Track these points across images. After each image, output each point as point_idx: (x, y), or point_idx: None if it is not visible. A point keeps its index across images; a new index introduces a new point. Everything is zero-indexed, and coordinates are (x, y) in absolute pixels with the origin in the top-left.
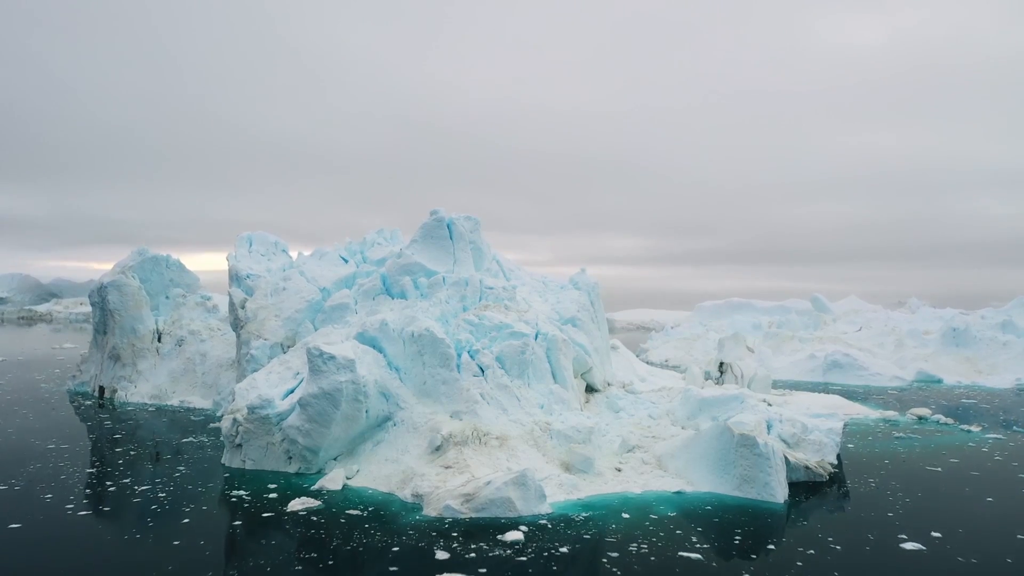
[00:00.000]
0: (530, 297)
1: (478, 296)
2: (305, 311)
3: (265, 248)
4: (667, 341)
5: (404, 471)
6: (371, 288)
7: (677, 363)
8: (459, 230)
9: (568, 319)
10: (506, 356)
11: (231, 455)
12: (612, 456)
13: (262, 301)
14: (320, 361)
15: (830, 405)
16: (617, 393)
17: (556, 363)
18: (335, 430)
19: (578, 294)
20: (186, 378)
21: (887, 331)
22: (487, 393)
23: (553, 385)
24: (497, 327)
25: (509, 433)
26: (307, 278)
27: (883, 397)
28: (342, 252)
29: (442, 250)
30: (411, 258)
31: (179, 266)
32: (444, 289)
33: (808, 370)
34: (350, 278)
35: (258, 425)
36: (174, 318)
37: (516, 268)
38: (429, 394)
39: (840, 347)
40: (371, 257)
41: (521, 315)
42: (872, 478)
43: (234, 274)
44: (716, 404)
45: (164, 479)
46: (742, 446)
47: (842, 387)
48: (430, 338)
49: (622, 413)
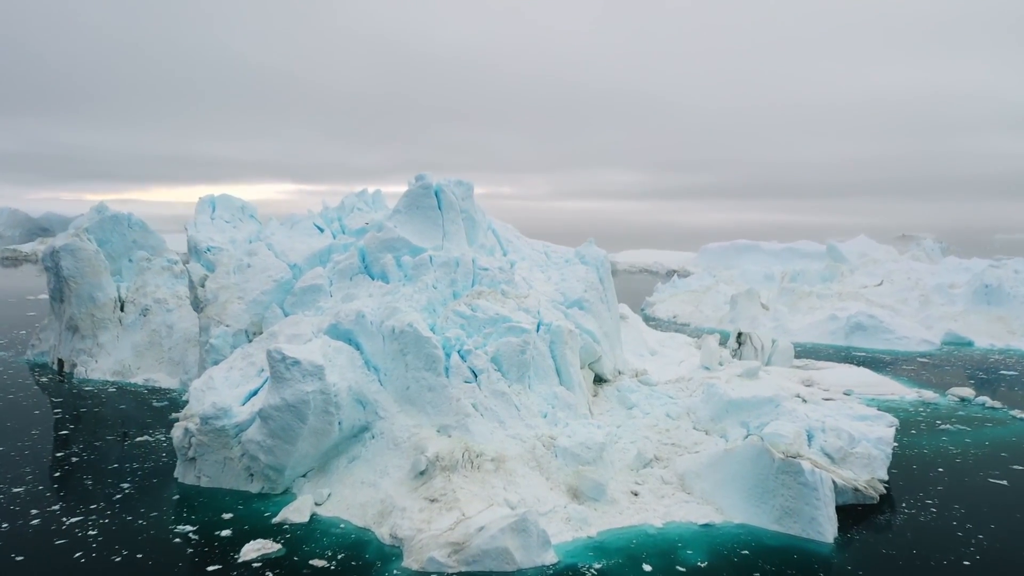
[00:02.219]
0: (531, 275)
1: (471, 279)
2: (273, 292)
3: (230, 214)
4: (674, 294)
5: (383, 500)
6: (348, 267)
7: (686, 320)
8: (449, 198)
9: (574, 301)
10: (503, 356)
11: (184, 469)
12: (626, 472)
13: (224, 280)
14: (282, 367)
15: (862, 382)
16: (629, 385)
17: (561, 358)
18: (302, 446)
19: (585, 270)
20: (151, 353)
21: (910, 285)
22: (480, 403)
23: (557, 387)
24: (492, 320)
25: (507, 452)
26: (276, 252)
27: (913, 367)
28: (317, 220)
29: (429, 222)
30: (393, 232)
31: (142, 226)
32: (431, 271)
33: (829, 332)
34: (325, 252)
35: (213, 438)
36: (138, 284)
37: (515, 238)
38: (413, 402)
39: (862, 305)
40: (350, 226)
41: (520, 302)
42: (928, 497)
43: (193, 246)
44: (746, 407)
45: (102, 504)
46: (784, 473)
47: (866, 352)
48: (414, 336)
49: (635, 410)
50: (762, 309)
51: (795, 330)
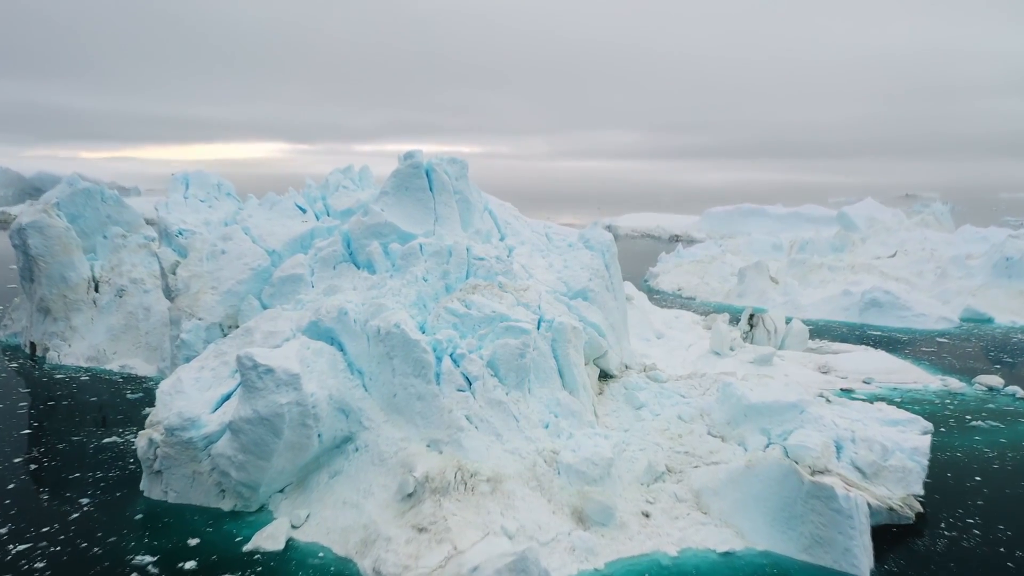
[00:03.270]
0: (531, 262)
1: (465, 270)
2: (249, 282)
3: (205, 192)
4: (679, 264)
5: (366, 526)
6: (331, 254)
7: (692, 293)
8: (441, 178)
9: (578, 291)
10: (500, 360)
11: (150, 482)
12: (636, 486)
13: (196, 267)
14: (254, 375)
15: (881, 369)
16: (637, 382)
17: (564, 358)
18: (277, 462)
19: (590, 256)
20: (128, 337)
21: (925, 256)
22: (475, 414)
23: (560, 392)
24: (488, 319)
25: (504, 471)
26: (253, 237)
27: (932, 348)
28: (298, 200)
29: (420, 205)
30: (380, 216)
31: (117, 200)
32: (422, 260)
33: (842, 308)
34: (307, 237)
35: (180, 450)
36: (113, 263)
37: (513, 219)
38: (400, 411)
39: (876, 279)
40: (335, 207)
41: (519, 295)
42: (969, 515)
43: (163, 229)
44: (767, 413)
45: (56, 527)
46: (815, 497)
47: (882, 331)
48: (401, 338)
49: (644, 411)
50: (771, 283)
51: (806, 305)
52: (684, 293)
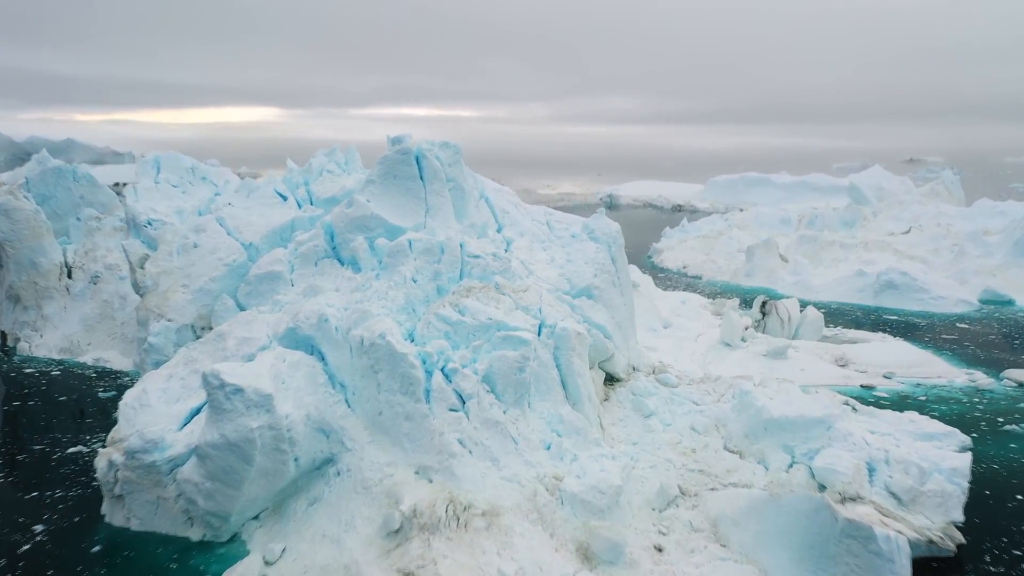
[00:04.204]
0: (531, 256)
1: (458, 269)
2: (224, 279)
3: (178, 176)
4: (683, 240)
5: (347, 566)
6: (312, 249)
7: (697, 271)
8: (432, 165)
9: (582, 289)
10: (497, 374)
11: (112, 508)
12: (647, 512)
13: (166, 262)
14: (221, 396)
15: (903, 361)
16: (646, 386)
17: (567, 368)
18: (249, 490)
19: (595, 249)
20: (103, 327)
21: (941, 232)
22: (469, 437)
23: (563, 406)
24: (484, 327)
25: (501, 502)
26: (228, 229)
27: (953, 334)
28: (279, 186)
29: (409, 195)
30: (366, 208)
31: (90, 180)
32: (411, 259)
33: (856, 290)
34: (287, 228)
35: (142, 475)
36: (86, 247)
37: (512, 207)
38: (386, 431)
39: (891, 258)
40: (318, 194)
41: (518, 298)
42: (1015, 545)
43: (131, 218)
44: (790, 428)
45: (5, 560)
46: (851, 537)
47: (898, 315)
48: (387, 351)
49: (654, 420)
50: (781, 261)
51: (818, 287)
52: (689, 271)
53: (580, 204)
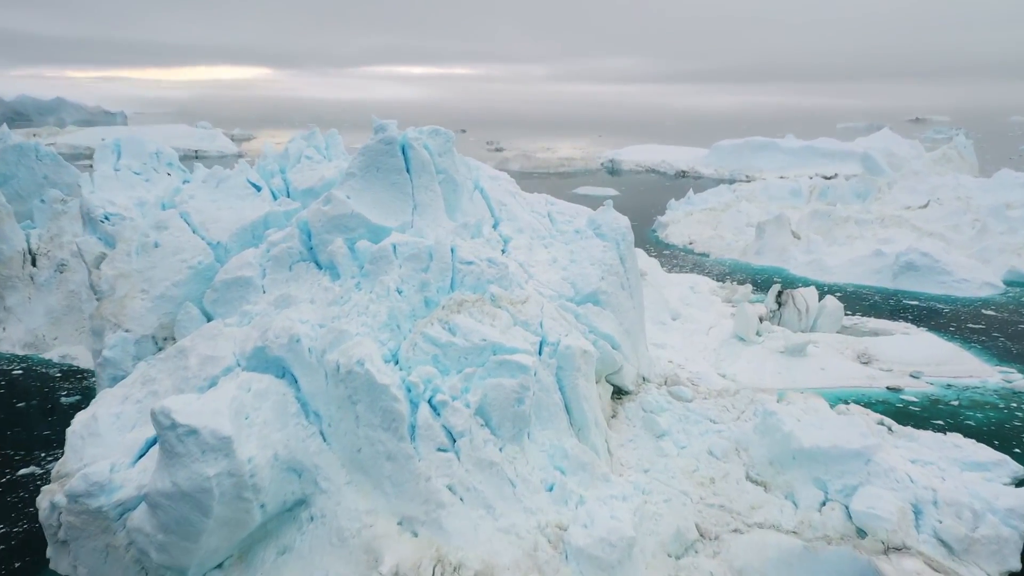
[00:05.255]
0: (530, 257)
1: (448, 278)
2: (187, 284)
3: (141, 163)
4: (689, 213)
5: None
6: (286, 252)
7: (705, 248)
8: (420, 156)
9: (588, 295)
10: (493, 406)
11: (57, 553)
12: (662, 559)
13: (123, 264)
14: (173, 437)
15: (930, 358)
16: (657, 400)
17: (572, 391)
18: (209, 541)
19: (602, 248)
20: (70, 320)
21: (961, 207)
22: (460, 482)
23: (567, 438)
24: (478, 349)
25: (497, 559)
26: (193, 225)
27: (980, 322)
28: (251, 175)
29: (394, 189)
30: (345, 205)
31: (54, 159)
32: (395, 266)
33: (874, 272)
34: (259, 224)
35: (88, 521)
36: (52, 233)
37: (510, 197)
38: (366, 471)
39: (909, 235)
40: (295, 184)
41: (516, 311)
42: None
43: (86, 212)
44: (822, 460)
45: None
46: None
47: (919, 299)
48: (366, 380)
49: (667, 441)
50: (793, 239)
51: (833, 267)
52: (696, 248)
53: (581, 170)
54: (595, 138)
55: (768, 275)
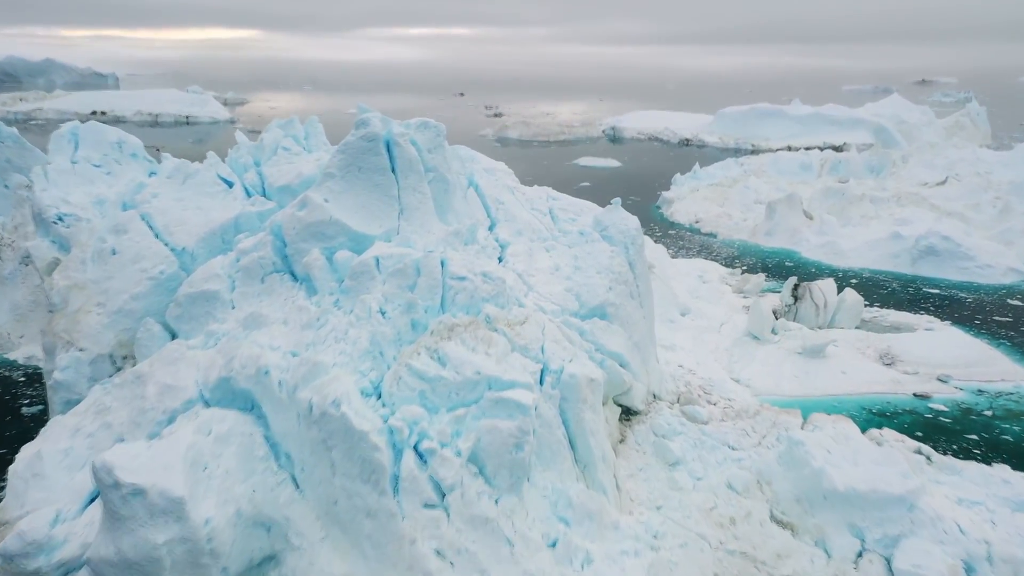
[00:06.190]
0: (530, 264)
1: (438, 296)
2: (148, 297)
3: (102, 154)
4: (695, 188)
5: None
6: (257, 263)
7: (712, 228)
8: (407, 154)
9: (594, 308)
10: (487, 452)
11: None
12: None
13: (78, 273)
14: (116, 498)
15: (959, 359)
16: (669, 423)
17: (577, 425)
18: None
19: (609, 253)
20: (36, 316)
21: (981, 184)
22: (451, 544)
23: (572, 482)
24: (470, 384)
25: None
26: (156, 229)
27: (1006, 314)
28: (222, 169)
29: (378, 192)
30: (323, 211)
31: (16, 140)
32: (378, 283)
33: (891, 256)
34: (229, 227)
35: None
36: (16, 221)
37: (508, 193)
38: (344, 527)
39: (927, 213)
40: (271, 180)
41: (514, 334)
42: None
43: (38, 212)
44: (859, 505)
45: None
46: None
47: (940, 287)
48: (342, 425)
49: (681, 471)
50: (806, 219)
51: (848, 251)
52: (703, 227)
53: (581, 138)
54: (595, 102)
55: (779, 258)
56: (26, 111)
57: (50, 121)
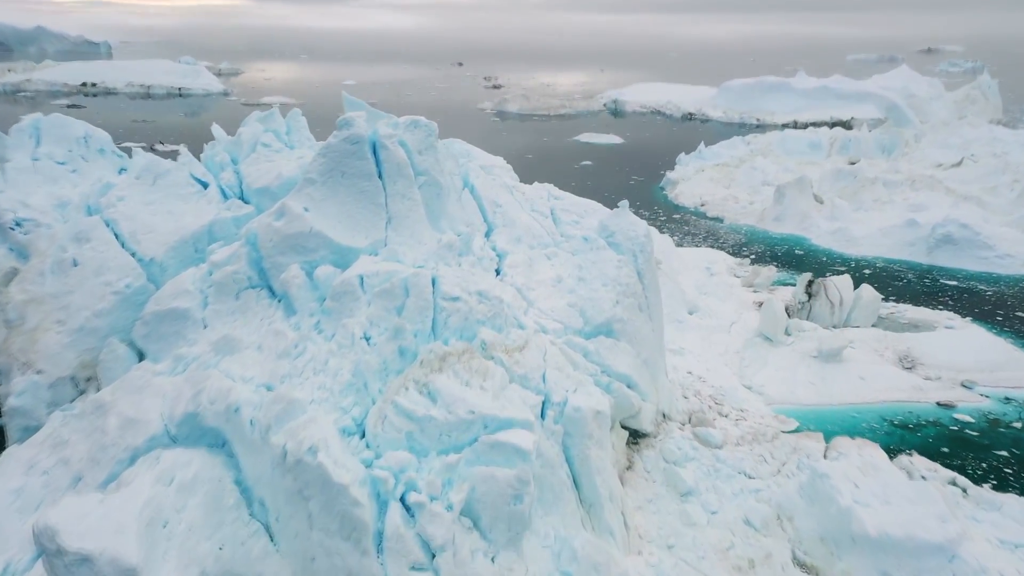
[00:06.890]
0: (530, 276)
1: (429, 319)
2: (112, 314)
3: (66, 150)
4: (700, 169)
5: None
6: (231, 278)
7: (718, 212)
8: (395, 158)
9: (600, 325)
10: (482, 504)
11: None
12: None
13: (35, 287)
14: (60, 567)
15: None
16: (681, 448)
17: (583, 464)
18: None
19: (616, 263)
20: None
21: (999, 165)
22: None
23: (577, 532)
24: (464, 425)
25: None
26: (122, 237)
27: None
28: (196, 169)
29: (363, 199)
30: (303, 222)
31: None
32: (363, 304)
33: (906, 244)
34: (202, 235)
35: None
36: None
37: (506, 192)
38: None
39: (942, 197)
40: (250, 180)
41: (512, 362)
42: None
43: None
44: (893, 552)
45: None
46: None
47: (958, 278)
48: (319, 476)
49: (693, 503)
50: (816, 203)
51: (861, 238)
52: (709, 211)
53: (582, 112)
54: (596, 72)
55: (789, 246)
56: (14, 83)
57: (39, 93)
